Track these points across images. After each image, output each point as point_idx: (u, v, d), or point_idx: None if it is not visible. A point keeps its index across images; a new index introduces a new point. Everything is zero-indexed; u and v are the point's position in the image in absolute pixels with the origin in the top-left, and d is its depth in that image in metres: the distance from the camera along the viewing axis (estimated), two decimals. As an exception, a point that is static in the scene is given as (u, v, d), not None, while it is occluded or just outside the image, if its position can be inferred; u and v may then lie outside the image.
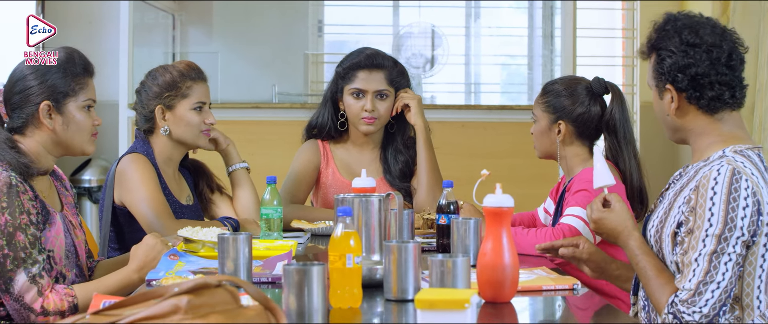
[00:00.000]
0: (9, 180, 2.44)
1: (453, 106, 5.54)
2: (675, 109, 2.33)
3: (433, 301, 1.71)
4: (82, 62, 2.70)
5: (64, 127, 2.63)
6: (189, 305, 1.50)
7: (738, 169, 2.20)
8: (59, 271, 2.59)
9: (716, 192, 2.18)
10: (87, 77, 2.70)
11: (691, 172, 2.32)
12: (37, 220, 2.51)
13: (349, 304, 2.05)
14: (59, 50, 2.68)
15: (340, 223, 2.07)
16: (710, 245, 2.17)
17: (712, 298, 2.16)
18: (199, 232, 2.67)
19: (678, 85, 2.30)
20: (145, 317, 1.49)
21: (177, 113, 3.14)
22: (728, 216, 2.17)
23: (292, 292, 1.86)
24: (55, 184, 2.74)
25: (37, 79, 2.62)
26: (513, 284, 2.09)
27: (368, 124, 3.46)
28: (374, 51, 3.52)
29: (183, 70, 3.16)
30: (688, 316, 2.16)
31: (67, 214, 2.70)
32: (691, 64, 2.28)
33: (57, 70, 2.64)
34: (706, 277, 2.17)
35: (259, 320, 1.58)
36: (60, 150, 2.67)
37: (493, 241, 2.09)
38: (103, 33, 5.45)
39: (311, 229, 3.18)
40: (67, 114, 2.64)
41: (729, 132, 2.32)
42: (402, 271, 2.10)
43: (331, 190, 3.52)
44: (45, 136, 2.62)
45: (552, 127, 3.08)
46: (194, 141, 3.17)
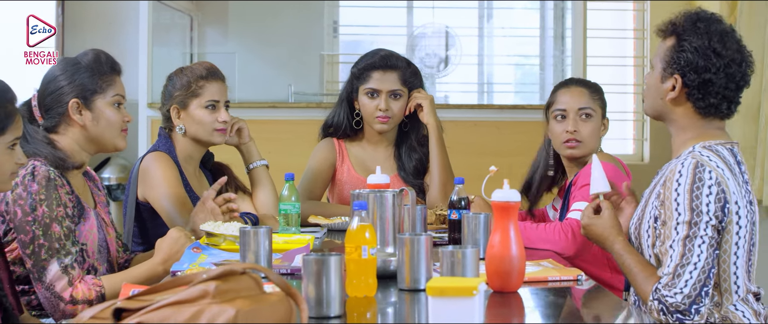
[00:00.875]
0: (48, 174, 2.57)
1: (465, 106, 5.58)
2: (672, 98, 2.45)
3: (444, 289, 1.82)
4: (109, 61, 2.83)
5: (95, 122, 2.76)
6: (216, 290, 1.61)
7: (701, 162, 2.33)
8: (91, 264, 2.71)
9: (680, 183, 2.32)
10: (114, 75, 2.82)
11: (663, 170, 2.45)
12: (72, 213, 2.64)
13: (364, 293, 2.16)
14: (87, 52, 2.80)
15: (356, 217, 2.18)
16: (682, 231, 2.30)
17: (690, 278, 2.28)
18: (220, 227, 2.79)
19: (686, 80, 2.42)
20: (176, 301, 1.60)
21: (190, 112, 3.25)
22: (693, 203, 2.29)
23: (311, 281, 1.98)
24: (89, 184, 2.86)
25: (66, 79, 2.75)
26: (520, 275, 2.21)
27: (382, 122, 3.57)
28: (388, 52, 3.63)
29: (197, 70, 3.27)
30: (671, 298, 2.28)
31: (100, 212, 2.83)
32: (708, 70, 2.39)
33: (85, 69, 2.77)
34: (682, 260, 2.29)
35: (281, 305, 1.69)
36: (93, 146, 2.79)
37: (500, 234, 2.20)
38: (122, 34, 5.51)
39: (328, 225, 3.29)
40: (96, 110, 2.76)
41: (709, 130, 2.45)
42: (414, 262, 2.21)
43: (347, 187, 3.62)
44: (77, 133, 2.75)
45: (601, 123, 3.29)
46: (208, 138, 3.27)
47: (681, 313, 2.27)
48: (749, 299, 2.43)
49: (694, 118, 2.46)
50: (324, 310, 1.97)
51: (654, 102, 2.52)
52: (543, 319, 2.12)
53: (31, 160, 2.60)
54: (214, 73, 3.29)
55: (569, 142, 3.22)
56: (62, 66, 2.79)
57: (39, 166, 2.59)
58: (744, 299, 2.40)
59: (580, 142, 3.21)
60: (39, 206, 2.55)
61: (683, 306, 2.27)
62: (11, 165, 2.34)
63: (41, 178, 2.56)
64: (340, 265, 2.01)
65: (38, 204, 2.55)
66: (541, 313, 2.16)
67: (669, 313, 2.28)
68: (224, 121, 3.26)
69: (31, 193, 2.55)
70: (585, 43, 5.33)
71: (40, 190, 2.56)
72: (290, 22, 5.93)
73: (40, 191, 2.56)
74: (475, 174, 2.98)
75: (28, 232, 2.56)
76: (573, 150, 3.22)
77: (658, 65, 2.49)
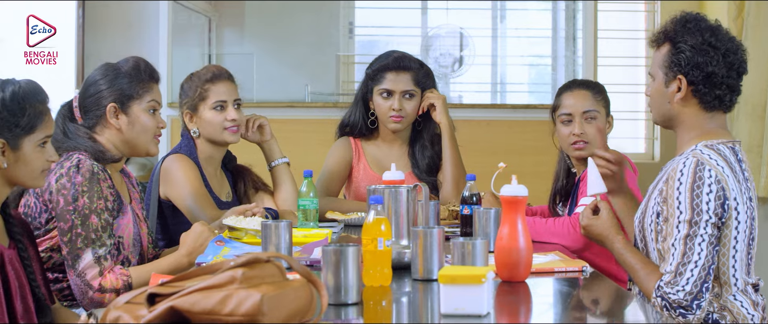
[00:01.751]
0: (92, 168, 2.71)
1: (478, 105, 5.67)
2: (679, 98, 2.55)
3: (454, 277, 1.95)
4: (148, 69, 2.95)
5: (130, 127, 2.88)
6: (243, 276, 1.74)
7: (702, 160, 2.43)
8: (126, 256, 2.84)
9: (682, 182, 2.43)
10: (152, 82, 2.93)
11: (666, 167, 2.56)
12: (112, 207, 2.77)
13: (380, 283, 2.28)
14: (128, 59, 2.92)
15: (372, 211, 2.30)
16: (683, 230, 2.41)
17: (692, 276, 2.39)
18: (242, 221, 2.91)
19: (690, 78, 2.52)
20: (205, 286, 1.72)
21: (201, 115, 3.37)
22: (694, 202, 2.40)
23: (330, 270, 2.10)
24: (125, 180, 2.99)
25: (107, 83, 2.88)
26: (527, 265, 2.33)
27: (396, 122, 3.69)
28: (402, 54, 3.75)
29: (203, 75, 3.39)
30: (674, 295, 2.39)
31: (135, 207, 2.95)
32: (708, 63, 2.50)
33: (125, 75, 2.89)
34: (683, 259, 2.40)
35: (303, 291, 1.81)
36: (127, 149, 2.91)
37: (509, 227, 2.32)
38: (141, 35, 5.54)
39: (344, 220, 3.41)
40: (131, 115, 2.88)
41: (712, 129, 2.56)
42: (427, 254, 2.34)
43: (363, 184, 3.74)
44: (113, 135, 2.88)
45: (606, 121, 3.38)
46: (220, 138, 3.38)
47: (684, 309, 2.39)
48: (748, 290, 2.53)
49: (699, 114, 2.56)
50: (342, 297, 2.10)
51: (661, 108, 2.61)
52: (549, 307, 2.24)
53: (76, 153, 2.74)
54: (219, 75, 3.40)
55: (576, 143, 3.32)
56: (103, 71, 2.91)
57: (84, 159, 2.73)
58: (743, 290, 2.51)
59: (588, 143, 3.31)
60: (81, 197, 2.68)
61: (685, 302, 2.38)
62: (42, 162, 2.46)
63: (85, 171, 2.70)
64: (358, 255, 2.14)
65: (80, 195, 2.68)
66: (548, 301, 2.28)
67: (672, 309, 2.39)
68: (233, 120, 3.37)
69: (74, 184, 2.69)
70: (595, 44, 5.40)
71: (84, 183, 2.69)
72: (307, 23, 5.99)
73: (83, 183, 2.69)
74: (488, 172, 3.09)
75: (67, 220, 2.68)
76: (581, 151, 3.32)
77: (659, 73, 2.59)
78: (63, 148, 2.78)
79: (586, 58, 5.42)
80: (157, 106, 2.94)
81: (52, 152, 2.51)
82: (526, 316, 2.16)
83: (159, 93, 2.96)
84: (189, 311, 1.70)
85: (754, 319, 2.49)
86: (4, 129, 2.38)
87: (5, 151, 2.39)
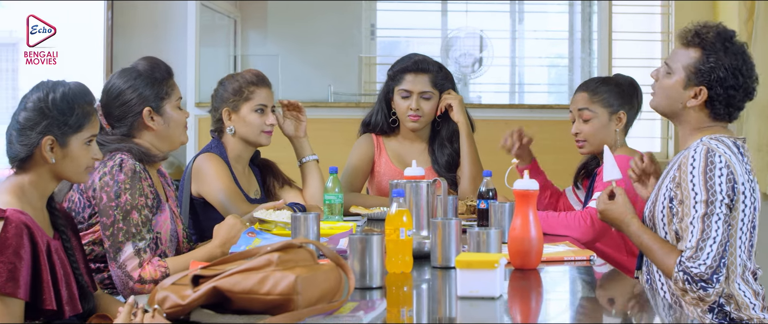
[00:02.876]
0: (134, 167, 2.88)
1: (497, 105, 5.81)
2: (694, 105, 2.71)
3: (470, 262, 2.13)
4: (164, 67, 3.09)
5: (166, 125, 3.05)
6: (279, 260, 1.92)
7: (711, 148, 2.61)
8: (163, 251, 3.02)
9: (695, 167, 2.60)
10: (171, 79, 3.09)
11: (675, 158, 2.74)
12: (151, 204, 2.93)
13: (401, 270, 2.47)
14: (139, 62, 3.06)
15: (394, 203, 2.49)
16: (701, 210, 2.58)
17: (712, 251, 2.56)
18: (272, 214, 3.10)
19: (712, 93, 2.69)
20: (244, 269, 1.91)
21: (241, 114, 3.55)
22: (708, 184, 2.58)
23: (356, 257, 2.29)
24: (161, 180, 3.17)
25: (133, 92, 3.01)
26: (538, 254, 2.51)
27: (414, 121, 3.87)
28: (421, 57, 3.93)
29: (248, 77, 3.57)
30: (696, 269, 2.56)
31: (171, 205, 3.14)
32: (734, 87, 2.68)
33: (148, 78, 3.03)
34: (702, 236, 2.57)
35: (333, 274, 1.99)
36: (164, 145, 3.08)
37: (521, 218, 2.51)
38: (168, 36, 5.68)
39: (367, 214, 3.58)
40: (165, 114, 3.05)
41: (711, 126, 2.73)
42: (446, 243, 2.53)
43: (385, 179, 3.92)
44: (151, 136, 3.05)
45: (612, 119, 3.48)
46: (256, 139, 3.56)
47: (705, 282, 2.56)
48: (749, 279, 2.70)
49: (704, 121, 2.74)
50: (367, 281, 2.28)
51: (671, 104, 2.76)
52: (559, 293, 2.42)
53: (119, 153, 2.91)
54: (263, 80, 3.59)
55: (577, 142, 3.51)
56: (125, 78, 3.04)
57: (127, 159, 2.90)
58: (744, 279, 2.68)
59: (585, 141, 3.48)
60: (123, 194, 2.86)
61: (706, 275, 2.56)
62: (87, 159, 2.63)
63: (128, 170, 2.87)
64: (381, 244, 2.32)
65: (122, 192, 2.86)
66: (557, 286, 2.46)
67: (694, 282, 2.56)
68: (271, 124, 3.56)
69: (117, 182, 2.86)
70: (610, 45, 5.53)
71: (126, 180, 2.86)
72: (330, 25, 6.15)
73: (125, 181, 2.86)
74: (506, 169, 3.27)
75: (110, 215, 2.86)
76: (581, 149, 3.51)
77: (681, 72, 2.73)
78: (107, 149, 2.96)
79: (600, 59, 5.55)
80: (180, 102, 3.10)
81: (97, 151, 2.67)
82: (537, 300, 2.34)
83: (178, 87, 3.11)
84: (230, 291, 1.89)
85: (755, 308, 2.66)
86: (53, 127, 2.55)
87: (54, 147, 2.56)
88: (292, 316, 1.87)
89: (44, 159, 2.55)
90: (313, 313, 1.90)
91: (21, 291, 2.42)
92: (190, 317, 1.93)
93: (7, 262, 2.41)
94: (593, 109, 3.49)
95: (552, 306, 2.33)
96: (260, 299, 1.88)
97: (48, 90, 2.58)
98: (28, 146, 2.55)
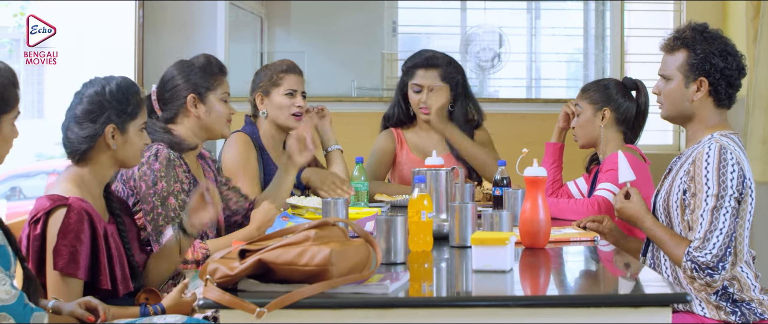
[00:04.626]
0: (169, 155, 3.13)
1: (513, 100, 6.00)
2: (699, 97, 2.94)
3: (483, 239, 2.40)
4: (218, 64, 3.35)
5: (207, 114, 3.30)
6: (316, 236, 2.19)
7: (724, 145, 2.84)
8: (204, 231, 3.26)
9: (709, 163, 2.82)
10: (222, 75, 3.33)
11: (687, 153, 2.97)
12: (188, 189, 3.16)
13: (423, 248, 2.74)
14: (198, 56, 3.32)
15: (416, 188, 2.75)
16: (711, 203, 2.80)
17: (718, 242, 2.79)
18: (303, 200, 3.37)
19: (712, 80, 2.91)
20: (285, 244, 2.18)
21: (272, 98, 3.81)
22: (720, 179, 2.80)
23: (382, 236, 2.56)
24: (201, 163, 3.41)
25: (183, 78, 3.27)
26: (546, 234, 2.77)
27: (425, 114, 4.12)
28: (431, 53, 4.17)
29: (278, 65, 3.85)
30: (702, 258, 2.79)
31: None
32: (727, 67, 2.91)
33: (198, 70, 3.28)
34: (710, 227, 2.79)
35: (363, 249, 2.25)
36: (204, 133, 3.32)
37: (531, 202, 2.77)
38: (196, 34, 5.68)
39: (391, 201, 3.83)
40: (208, 104, 3.29)
41: (718, 122, 2.96)
42: (463, 225, 2.79)
43: (406, 168, 4.18)
44: (192, 123, 3.29)
45: (597, 115, 3.70)
46: (285, 122, 3.81)
47: (711, 270, 2.78)
48: (749, 262, 2.93)
49: (711, 109, 2.95)
50: (392, 257, 2.56)
51: (680, 106, 2.97)
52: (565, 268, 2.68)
53: (155, 145, 3.15)
54: (293, 68, 3.86)
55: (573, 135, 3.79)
56: (179, 67, 3.30)
57: (162, 149, 3.14)
58: (747, 262, 2.91)
59: (575, 134, 3.76)
60: (159, 181, 3.10)
61: (712, 263, 2.77)
62: (141, 144, 2.88)
63: (163, 159, 3.12)
64: (405, 224, 2.59)
65: (159, 180, 3.10)
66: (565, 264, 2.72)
67: (701, 270, 2.78)
68: (299, 106, 3.81)
69: (153, 171, 3.10)
70: (622, 42, 5.67)
71: (161, 169, 3.11)
72: (353, 23, 6.30)
73: (161, 169, 3.11)
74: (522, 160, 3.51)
75: (149, 202, 3.10)
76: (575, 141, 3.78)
77: (677, 75, 2.95)
78: None
79: (613, 56, 5.71)
80: (227, 97, 3.34)
81: (147, 136, 2.91)
82: (545, 274, 2.60)
83: (228, 85, 3.35)
84: (273, 263, 2.16)
85: (755, 290, 2.89)
86: (114, 116, 2.80)
87: (115, 134, 2.81)
88: (327, 285, 2.13)
89: (107, 146, 2.80)
90: (345, 282, 2.16)
91: (80, 272, 2.66)
92: (238, 286, 2.19)
93: (69, 246, 2.66)
94: (581, 103, 3.75)
95: (557, 278, 2.58)
96: (299, 270, 2.14)
97: (103, 84, 2.83)
98: (90, 137, 2.79)
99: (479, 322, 2.14)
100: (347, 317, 2.14)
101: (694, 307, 2.86)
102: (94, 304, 2.60)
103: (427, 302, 2.21)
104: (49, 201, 2.72)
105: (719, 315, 2.85)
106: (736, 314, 2.84)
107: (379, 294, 2.17)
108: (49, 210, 2.70)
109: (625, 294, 2.38)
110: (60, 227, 2.67)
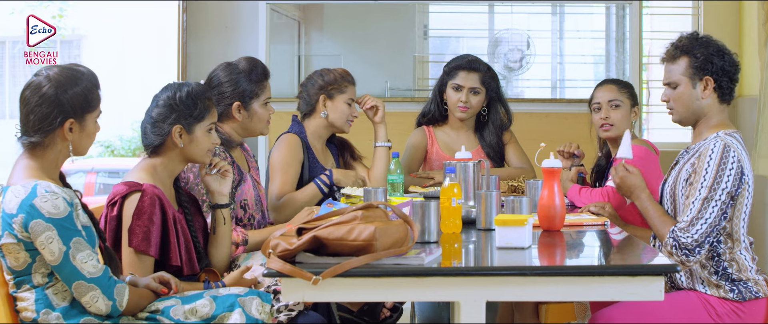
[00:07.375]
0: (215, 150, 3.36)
1: (537, 100, 6.19)
2: (706, 95, 3.22)
3: (505, 220, 2.77)
4: (262, 68, 3.62)
5: (249, 119, 3.59)
6: (362, 216, 2.54)
7: (728, 144, 3.12)
8: (251, 213, 3.59)
9: (712, 158, 3.11)
10: (265, 80, 3.61)
11: (694, 148, 3.25)
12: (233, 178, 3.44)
13: (453, 230, 3.09)
14: (241, 60, 3.58)
15: (447, 178, 3.11)
16: (704, 193, 3.08)
17: (701, 229, 3.08)
18: (355, 190, 3.72)
19: (716, 77, 3.20)
20: (336, 222, 2.54)
21: (335, 103, 4.09)
22: (718, 174, 3.08)
23: (417, 218, 2.91)
24: (244, 154, 3.74)
25: (230, 85, 3.54)
26: (561, 218, 3.12)
27: (463, 112, 4.47)
28: (474, 57, 4.51)
29: (343, 74, 4.12)
30: (684, 239, 3.08)
31: (253, 174, 3.70)
32: (726, 64, 3.21)
33: (245, 76, 3.55)
34: (698, 214, 3.08)
35: (402, 227, 2.59)
36: (245, 134, 3.62)
37: (547, 189, 3.12)
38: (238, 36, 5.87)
39: (423, 192, 4.16)
40: (251, 110, 3.59)
41: (722, 120, 3.26)
42: (488, 211, 3.14)
43: (436, 164, 4.51)
44: (235, 125, 3.59)
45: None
46: (341, 126, 4.11)
47: (688, 251, 3.05)
48: (748, 247, 3.20)
49: (716, 106, 3.23)
50: (426, 237, 2.91)
51: (692, 107, 3.22)
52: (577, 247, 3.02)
53: None
54: (353, 80, 4.15)
55: (603, 126, 4.03)
56: (226, 73, 3.55)
57: None
58: (745, 247, 3.19)
59: (612, 126, 4.00)
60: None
61: (691, 246, 3.06)
62: (208, 143, 3.17)
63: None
64: (437, 208, 2.94)
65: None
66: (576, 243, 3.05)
67: (679, 249, 3.05)
68: (355, 116, 4.12)
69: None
70: (641, 44, 5.86)
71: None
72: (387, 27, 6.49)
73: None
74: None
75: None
76: (607, 132, 4.02)
77: (683, 80, 3.22)
78: None
79: (632, 58, 5.90)
80: (269, 100, 3.61)
81: (216, 136, 3.19)
82: (561, 253, 2.93)
83: (270, 88, 3.60)
84: (326, 238, 2.51)
85: (751, 271, 3.17)
86: (181, 118, 3.12)
87: (182, 134, 3.14)
88: (372, 257, 2.49)
89: (174, 144, 3.14)
90: (388, 255, 2.51)
91: (152, 249, 2.99)
92: (296, 259, 2.55)
93: (143, 226, 2.98)
94: (621, 99, 4.01)
95: (568, 253, 2.91)
96: (348, 244, 2.49)
97: (175, 90, 3.17)
98: (161, 135, 3.12)
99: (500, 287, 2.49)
100: (389, 285, 2.50)
101: (696, 285, 3.15)
102: (167, 277, 2.95)
103: (456, 271, 2.57)
104: (126, 186, 3.04)
105: (718, 292, 3.12)
106: (734, 292, 3.11)
107: (416, 265, 2.52)
108: (125, 194, 3.02)
109: (623, 264, 2.71)
110: (135, 209, 2.99)
